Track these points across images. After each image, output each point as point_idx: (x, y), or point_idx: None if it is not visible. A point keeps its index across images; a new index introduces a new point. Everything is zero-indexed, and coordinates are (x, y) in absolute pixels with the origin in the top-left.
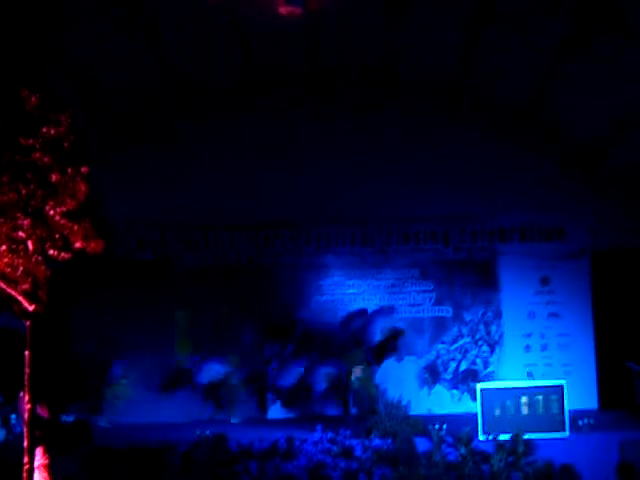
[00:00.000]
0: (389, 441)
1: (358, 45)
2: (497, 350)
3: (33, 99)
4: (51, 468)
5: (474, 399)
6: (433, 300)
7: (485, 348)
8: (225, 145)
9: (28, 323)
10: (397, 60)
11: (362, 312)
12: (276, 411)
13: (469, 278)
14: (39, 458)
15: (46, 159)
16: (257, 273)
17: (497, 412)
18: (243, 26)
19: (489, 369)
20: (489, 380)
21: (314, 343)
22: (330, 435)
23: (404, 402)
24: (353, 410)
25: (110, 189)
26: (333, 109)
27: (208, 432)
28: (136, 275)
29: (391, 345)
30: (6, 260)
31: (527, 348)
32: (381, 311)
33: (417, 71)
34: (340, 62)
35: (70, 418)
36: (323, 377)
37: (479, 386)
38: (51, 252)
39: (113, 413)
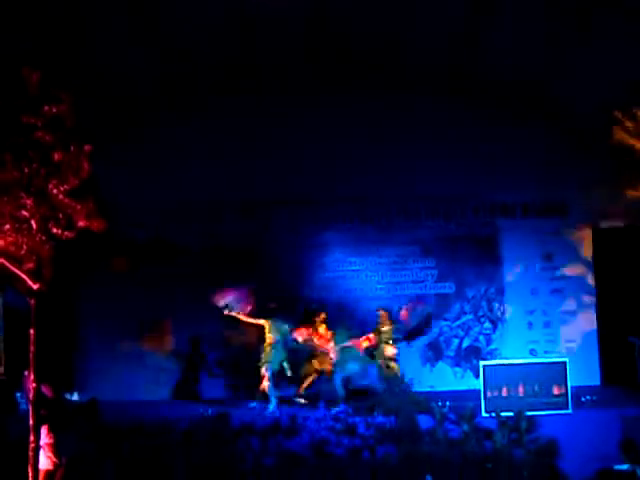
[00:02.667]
0: (392, 418)
1: (362, 27)
2: (500, 327)
3: (34, 77)
4: (56, 447)
5: (477, 376)
6: (435, 277)
7: (488, 325)
8: (225, 125)
9: (32, 301)
10: (399, 40)
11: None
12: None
13: (471, 254)
14: (43, 437)
15: (48, 138)
16: (257, 252)
17: (500, 389)
18: (245, 6)
19: (492, 346)
20: (492, 357)
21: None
22: (333, 412)
23: (407, 379)
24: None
25: (110, 171)
26: (334, 89)
27: (210, 410)
28: (138, 255)
29: (426, 328)
30: (10, 239)
31: (530, 325)
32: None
33: (419, 49)
34: (342, 44)
35: (75, 397)
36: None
37: (482, 363)
38: (54, 231)
39: (116, 390)
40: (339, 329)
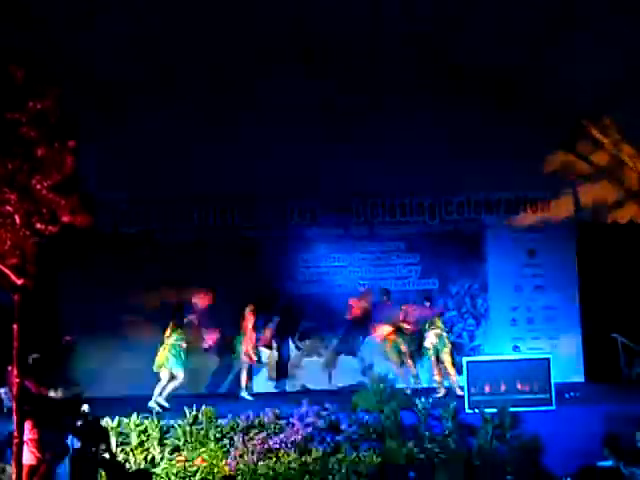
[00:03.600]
0: (375, 415)
1: (342, 12)
2: (483, 323)
3: (19, 74)
4: (39, 442)
5: (460, 372)
6: (419, 273)
7: (471, 321)
8: (208, 118)
9: (16, 297)
10: (381, 29)
11: None
12: (261, 385)
13: (455, 251)
14: (27, 433)
15: (32, 133)
16: (241, 246)
17: (483, 385)
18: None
19: (475, 342)
20: (475, 353)
21: (301, 315)
22: (316, 409)
23: (390, 376)
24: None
25: (93, 164)
26: (318, 80)
27: (196, 406)
28: (121, 249)
29: None
30: None
31: (513, 321)
32: None
33: (400, 41)
34: (325, 31)
35: (58, 394)
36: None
37: (465, 359)
38: (38, 226)
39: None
40: None
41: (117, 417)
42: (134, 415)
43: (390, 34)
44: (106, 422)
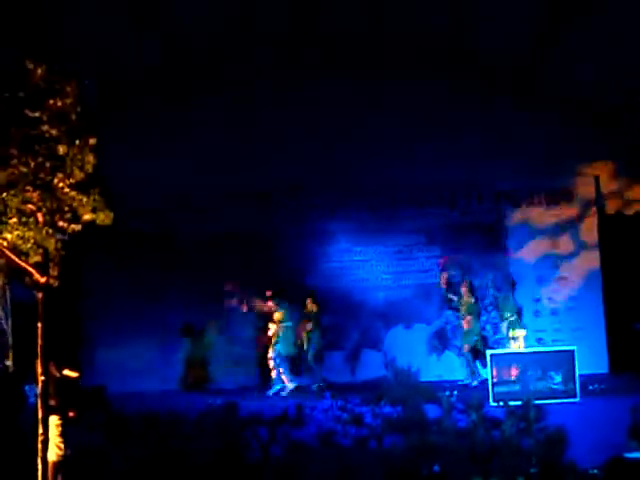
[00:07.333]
0: (399, 408)
1: (353, 11)
2: None
3: (39, 71)
4: (62, 438)
5: (484, 365)
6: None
7: (494, 314)
8: (226, 113)
9: (40, 295)
10: (393, 21)
11: None
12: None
13: (477, 242)
14: (53, 427)
15: (54, 131)
16: (262, 241)
17: (507, 378)
18: None
19: (498, 335)
20: (499, 346)
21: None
22: (340, 403)
23: (414, 369)
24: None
25: (110, 160)
26: (334, 73)
27: (219, 400)
28: (142, 245)
29: None
30: (17, 233)
31: (536, 313)
32: None
33: (414, 33)
34: (338, 25)
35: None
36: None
37: (489, 352)
38: (61, 224)
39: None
40: None
41: None
42: None
43: (406, 31)
44: None
